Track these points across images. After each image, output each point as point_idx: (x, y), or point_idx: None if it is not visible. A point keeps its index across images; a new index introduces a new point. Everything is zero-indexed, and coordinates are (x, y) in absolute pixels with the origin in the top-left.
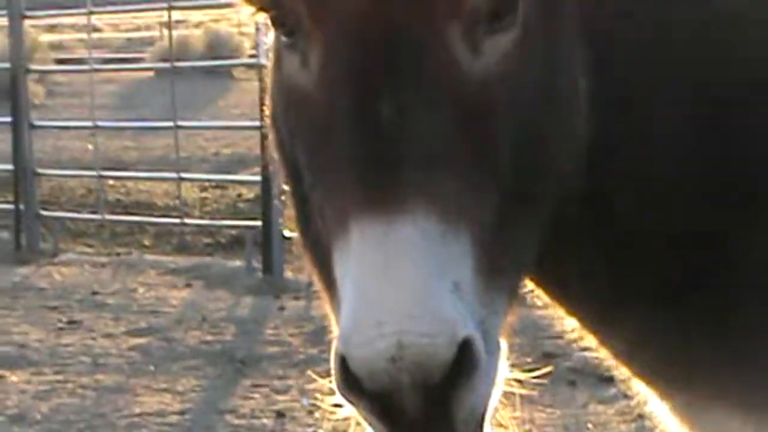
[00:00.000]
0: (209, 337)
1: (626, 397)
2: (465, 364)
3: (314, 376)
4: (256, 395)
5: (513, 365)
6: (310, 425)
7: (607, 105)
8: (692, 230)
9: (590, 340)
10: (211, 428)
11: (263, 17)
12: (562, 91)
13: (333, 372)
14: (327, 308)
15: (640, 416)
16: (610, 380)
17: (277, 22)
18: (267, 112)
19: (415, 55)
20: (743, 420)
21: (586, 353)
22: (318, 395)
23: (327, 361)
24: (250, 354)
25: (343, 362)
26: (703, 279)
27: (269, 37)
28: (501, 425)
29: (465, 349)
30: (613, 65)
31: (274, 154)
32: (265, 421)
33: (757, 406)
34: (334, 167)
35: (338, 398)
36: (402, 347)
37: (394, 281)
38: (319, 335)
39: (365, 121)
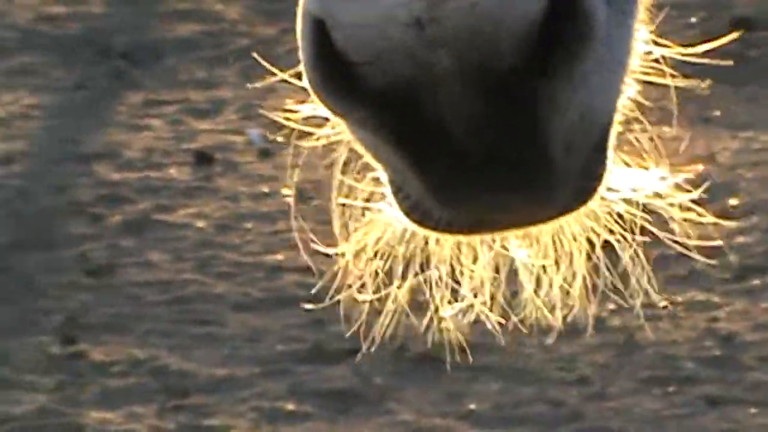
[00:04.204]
0: (62, 9)
1: None
2: (565, 29)
3: (269, 78)
4: (155, 121)
5: (663, 39)
6: (259, 176)
7: None
8: None
9: None
10: (62, 188)
11: None
12: None
13: (303, 56)
14: None
15: None
16: None
17: None
18: None
19: None
20: None
21: None
22: (277, 116)
23: (293, 46)
24: (138, 42)
25: (320, 33)
26: None
27: None
28: (637, 156)
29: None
30: None
31: None
32: (172, 171)
33: None
34: None
35: (314, 109)
36: (436, 1)
37: None
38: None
39: None
